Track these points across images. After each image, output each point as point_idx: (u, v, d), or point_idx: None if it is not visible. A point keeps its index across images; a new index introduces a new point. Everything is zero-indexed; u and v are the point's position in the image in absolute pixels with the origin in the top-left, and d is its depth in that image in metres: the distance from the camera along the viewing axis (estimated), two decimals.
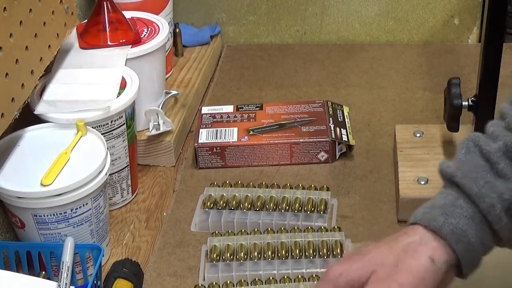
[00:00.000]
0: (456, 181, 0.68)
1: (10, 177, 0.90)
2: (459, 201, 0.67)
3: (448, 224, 0.66)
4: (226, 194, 1.07)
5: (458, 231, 0.66)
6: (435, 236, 0.66)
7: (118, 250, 1.02)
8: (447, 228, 0.66)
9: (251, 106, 1.25)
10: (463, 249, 0.67)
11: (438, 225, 0.66)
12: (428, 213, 0.68)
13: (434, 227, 0.66)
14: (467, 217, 0.67)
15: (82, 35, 1.13)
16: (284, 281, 0.93)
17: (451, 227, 0.66)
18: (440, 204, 0.68)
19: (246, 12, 1.54)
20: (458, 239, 0.66)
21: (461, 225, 0.67)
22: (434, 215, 0.67)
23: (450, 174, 0.69)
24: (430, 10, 1.50)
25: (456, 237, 0.66)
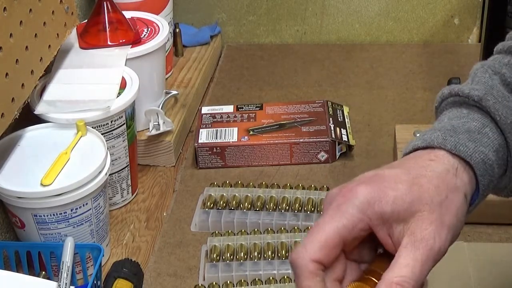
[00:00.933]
0: (487, 106, 0.61)
1: (10, 177, 0.90)
2: (486, 129, 0.60)
3: (478, 152, 0.59)
4: (226, 194, 1.07)
5: (488, 161, 0.59)
6: (462, 165, 0.58)
7: (118, 250, 1.02)
8: (477, 157, 0.59)
9: (251, 106, 1.25)
10: (486, 183, 0.60)
11: (468, 152, 0.58)
12: (452, 137, 0.59)
13: (464, 154, 0.58)
14: (493, 149, 0.60)
15: (82, 35, 1.13)
16: (284, 281, 0.93)
17: (482, 157, 0.59)
18: (464, 129, 0.60)
19: (246, 12, 1.54)
20: (486, 172, 0.59)
21: (489, 156, 0.59)
22: (461, 139, 0.59)
23: (478, 96, 0.61)
24: (430, 10, 1.50)
25: (484, 169, 0.59)
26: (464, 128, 0.60)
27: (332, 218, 0.55)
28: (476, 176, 0.59)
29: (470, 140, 0.59)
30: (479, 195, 0.60)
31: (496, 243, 0.99)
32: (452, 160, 0.58)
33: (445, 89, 0.66)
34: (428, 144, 0.60)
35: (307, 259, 0.55)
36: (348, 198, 0.56)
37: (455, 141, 0.59)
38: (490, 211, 0.99)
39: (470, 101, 0.62)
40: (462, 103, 0.64)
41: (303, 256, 0.55)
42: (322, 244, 0.55)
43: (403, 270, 0.53)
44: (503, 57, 0.66)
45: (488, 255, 0.96)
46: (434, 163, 0.58)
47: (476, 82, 0.64)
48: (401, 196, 0.55)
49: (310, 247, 0.55)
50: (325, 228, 0.55)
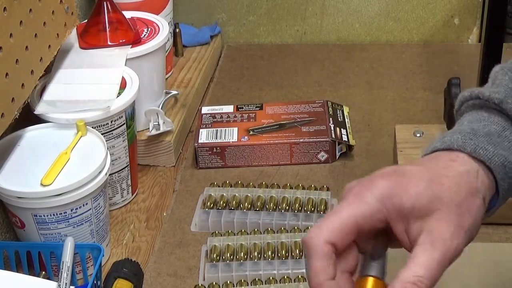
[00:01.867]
0: (507, 109, 0.60)
1: (10, 177, 0.90)
2: (506, 132, 0.60)
3: (498, 156, 0.58)
4: (226, 194, 1.07)
5: (508, 165, 0.58)
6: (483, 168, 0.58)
7: (118, 250, 1.02)
8: (497, 160, 0.58)
9: (251, 106, 1.25)
10: (506, 187, 0.59)
11: (488, 155, 0.58)
12: (472, 140, 0.59)
13: (483, 158, 0.58)
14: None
15: (82, 35, 1.13)
16: (284, 281, 0.93)
17: (502, 160, 0.58)
18: (484, 132, 0.60)
19: (246, 12, 1.54)
20: (506, 175, 0.59)
21: (510, 159, 0.59)
22: (480, 142, 0.59)
23: (498, 99, 0.61)
24: (430, 10, 1.50)
25: (504, 172, 0.59)
26: (483, 131, 0.60)
27: (350, 204, 0.55)
28: (496, 179, 0.58)
29: (490, 143, 0.58)
30: (499, 199, 0.60)
31: (496, 243, 0.99)
32: (474, 164, 0.58)
33: (465, 92, 0.65)
34: (448, 146, 0.59)
35: (321, 239, 0.54)
36: (368, 188, 0.55)
37: (474, 144, 0.58)
38: None
39: (491, 104, 0.62)
40: (483, 106, 0.63)
41: (318, 236, 0.54)
42: (338, 227, 0.54)
43: (419, 269, 0.53)
44: None
45: (488, 255, 0.96)
46: (456, 164, 0.58)
47: (497, 85, 0.63)
48: (422, 193, 0.55)
49: (325, 228, 0.54)
50: (342, 212, 0.55)
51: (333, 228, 0.54)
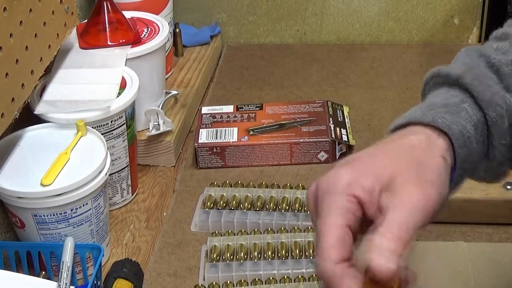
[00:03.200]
0: (465, 83, 0.61)
1: (10, 177, 0.90)
2: (464, 105, 0.61)
3: (456, 123, 0.59)
4: (226, 194, 1.07)
5: (466, 133, 0.59)
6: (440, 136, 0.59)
7: (118, 250, 1.02)
8: (455, 127, 0.59)
9: (251, 106, 1.25)
10: (464, 156, 0.60)
11: (445, 122, 0.58)
12: (429, 111, 0.60)
13: (441, 125, 0.59)
14: (471, 123, 0.60)
15: (82, 35, 1.13)
16: (284, 281, 0.93)
17: (460, 127, 0.59)
18: (441, 104, 0.61)
19: (246, 12, 1.54)
20: (464, 143, 0.59)
21: (468, 129, 0.59)
22: (439, 113, 0.59)
23: (456, 74, 0.62)
24: (430, 10, 1.50)
25: (463, 140, 0.59)
26: (442, 103, 0.61)
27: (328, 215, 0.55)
28: (454, 147, 0.59)
29: (448, 112, 0.59)
30: (457, 168, 0.60)
31: (496, 243, 0.99)
32: (427, 131, 0.58)
33: (427, 73, 0.67)
34: (408, 120, 0.60)
35: (331, 265, 0.54)
36: (330, 189, 0.56)
37: (432, 114, 0.59)
38: (490, 211, 0.99)
39: (450, 80, 0.63)
40: (443, 83, 0.64)
41: (326, 265, 0.54)
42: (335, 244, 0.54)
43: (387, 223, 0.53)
44: (493, 43, 0.67)
45: (488, 255, 0.96)
46: (408, 137, 0.59)
47: (457, 63, 0.65)
48: (378, 166, 0.56)
49: (327, 254, 0.54)
50: (329, 228, 0.54)
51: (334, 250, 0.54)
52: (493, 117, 0.60)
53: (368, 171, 0.56)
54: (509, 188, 0.99)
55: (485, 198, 0.99)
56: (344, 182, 0.55)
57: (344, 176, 0.55)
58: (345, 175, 0.55)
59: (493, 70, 0.62)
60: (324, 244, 0.54)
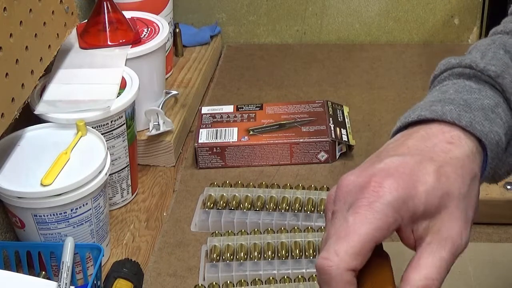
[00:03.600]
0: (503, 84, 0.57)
1: (10, 177, 0.90)
2: (499, 109, 0.56)
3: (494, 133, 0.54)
4: (226, 194, 1.07)
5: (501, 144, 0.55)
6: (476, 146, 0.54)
7: (118, 250, 1.02)
8: (493, 138, 0.55)
9: (251, 106, 1.25)
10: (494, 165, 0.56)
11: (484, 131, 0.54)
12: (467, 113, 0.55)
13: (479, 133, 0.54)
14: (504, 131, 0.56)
15: (82, 35, 1.13)
16: (284, 281, 0.93)
17: (497, 138, 0.55)
18: (478, 106, 0.56)
19: (246, 12, 1.54)
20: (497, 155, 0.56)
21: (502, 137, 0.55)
22: (476, 116, 0.54)
23: (495, 73, 0.57)
24: (430, 10, 1.50)
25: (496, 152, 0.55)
26: (477, 104, 0.55)
27: (366, 219, 0.50)
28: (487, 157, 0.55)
29: (486, 118, 0.55)
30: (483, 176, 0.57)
31: (496, 243, 0.99)
32: (470, 144, 0.54)
33: (452, 59, 0.61)
34: (439, 116, 0.55)
35: (342, 268, 0.50)
36: (380, 195, 0.51)
37: (470, 118, 0.54)
38: (490, 211, 0.99)
39: (484, 77, 0.58)
40: (472, 76, 0.59)
41: (337, 265, 0.50)
42: (358, 251, 0.50)
43: (429, 270, 0.51)
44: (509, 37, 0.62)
45: (488, 255, 0.96)
46: (454, 147, 0.53)
47: (490, 58, 0.59)
48: (432, 191, 0.51)
49: (344, 255, 0.50)
50: (360, 231, 0.50)
51: (354, 253, 0.50)
52: None
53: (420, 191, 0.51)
54: (509, 188, 0.99)
55: (485, 198, 0.99)
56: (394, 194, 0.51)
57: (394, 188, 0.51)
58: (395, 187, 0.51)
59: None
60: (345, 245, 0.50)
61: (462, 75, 0.60)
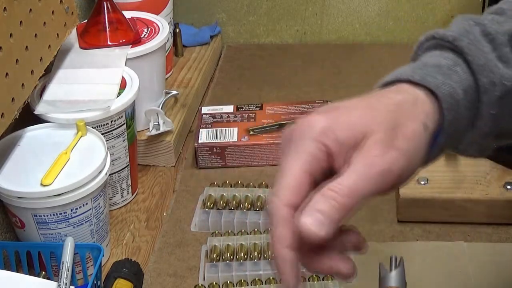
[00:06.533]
0: (461, 46, 0.60)
1: (10, 177, 0.90)
2: (457, 68, 0.59)
3: (447, 85, 0.57)
4: (226, 194, 1.07)
5: (456, 96, 0.57)
6: (428, 96, 0.57)
7: (118, 250, 1.02)
8: (445, 88, 0.57)
9: (251, 106, 1.25)
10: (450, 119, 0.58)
11: (436, 82, 0.57)
12: (421, 69, 0.58)
13: (430, 84, 0.57)
14: (462, 87, 0.58)
15: (82, 35, 1.13)
16: None
17: (450, 90, 0.57)
18: (433, 63, 0.59)
19: (246, 12, 1.54)
20: (452, 106, 0.57)
21: (458, 92, 0.57)
22: (430, 72, 0.58)
23: (453, 37, 0.60)
24: (430, 10, 1.50)
25: (451, 103, 0.57)
26: (433, 63, 0.59)
27: (294, 156, 0.54)
28: (442, 109, 0.57)
29: (439, 73, 0.57)
30: (443, 131, 0.58)
31: (496, 243, 0.99)
32: (415, 91, 0.57)
33: (421, 37, 0.65)
34: (396, 78, 0.59)
35: (280, 204, 0.54)
36: (304, 132, 0.55)
37: (423, 73, 0.57)
38: (490, 211, 0.99)
39: (445, 43, 0.61)
40: (437, 45, 0.62)
41: (277, 204, 0.54)
42: (291, 187, 0.53)
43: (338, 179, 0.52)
44: (488, 14, 0.66)
45: (488, 255, 0.96)
46: (396, 94, 0.57)
47: (453, 27, 0.63)
48: (355, 121, 0.54)
49: (281, 193, 0.54)
50: (291, 169, 0.54)
51: (288, 190, 0.53)
52: (485, 84, 0.58)
53: (344, 123, 0.54)
54: (509, 188, 0.99)
55: (485, 198, 0.99)
56: (318, 129, 0.54)
57: (319, 123, 0.54)
58: (320, 122, 0.54)
59: (488, 39, 0.61)
60: (281, 183, 0.54)
61: (429, 47, 0.64)
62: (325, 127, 0.54)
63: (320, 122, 0.54)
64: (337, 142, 0.54)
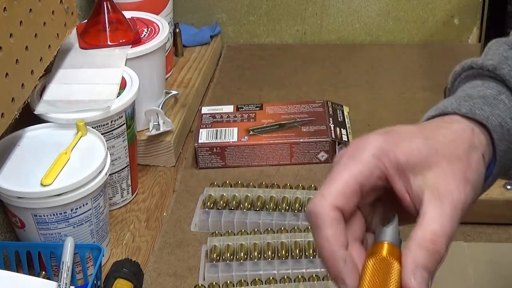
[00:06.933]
0: (502, 74, 0.59)
1: (10, 177, 0.90)
2: (501, 96, 0.58)
3: (495, 115, 0.56)
4: (226, 194, 1.07)
5: (505, 125, 0.56)
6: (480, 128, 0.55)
7: (118, 250, 1.02)
8: (494, 120, 0.56)
9: (251, 106, 1.25)
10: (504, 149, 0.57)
11: (484, 114, 0.55)
12: (466, 102, 0.56)
13: (480, 117, 0.55)
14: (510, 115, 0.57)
15: (82, 35, 1.13)
16: (284, 281, 0.93)
17: (499, 120, 0.56)
18: (479, 95, 0.57)
19: (246, 12, 1.54)
20: (503, 136, 0.56)
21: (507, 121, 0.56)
22: (476, 103, 0.56)
23: (493, 66, 0.59)
24: (430, 10, 1.50)
25: (502, 133, 0.56)
26: (478, 95, 0.57)
27: (347, 165, 0.52)
28: (493, 140, 0.56)
29: (486, 104, 0.56)
30: (496, 162, 0.57)
31: (496, 243, 0.99)
32: (469, 123, 0.55)
33: (457, 67, 0.64)
34: (442, 111, 0.57)
35: (327, 206, 0.51)
36: (361, 147, 0.53)
37: (470, 105, 0.56)
38: (490, 211, 0.99)
39: (485, 72, 0.60)
40: (476, 75, 0.61)
41: (323, 204, 0.51)
42: (340, 190, 0.51)
43: (433, 226, 0.50)
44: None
45: (488, 255, 0.96)
46: (450, 124, 0.55)
47: (491, 55, 0.62)
48: (417, 147, 0.52)
49: (328, 194, 0.51)
50: (342, 174, 0.52)
51: (337, 192, 0.51)
52: None
53: (406, 148, 0.52)
54: (509, 188, 0.99)
55: (485, 198, 0.99)
56: (376, 145, 0.53)
57: (379, 142, 0.53)
58: (379, 140, 0.53)
59: None
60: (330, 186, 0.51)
61: (468, 77, 0.62)
62: (386, 146, 0.53)
63: (380, 141, 0.53)
64: (397, 164, 0.52)
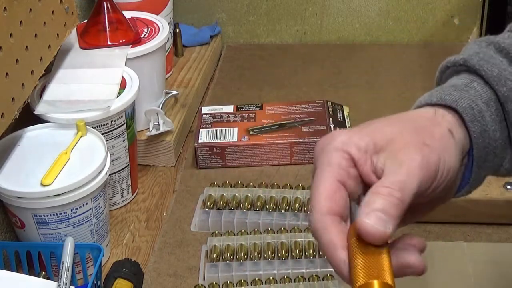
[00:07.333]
0: (472, 64, 0.60)
1: (10, 177, 0.90)
2: (473, 83, 0.59)
3: (464, 98, 0.58)
4: (226, 194, 1.07)
5: (475, 107, 0.58)
6: (448, 111, 0.58)
7: (118, 250, 1.02)
8: (464, 102, 0.58)
9: (251, 106, 1.25)
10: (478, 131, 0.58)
11: (453, 99, 0.58)
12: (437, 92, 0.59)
13: (448, 101, 0.58)
14: (482, 100, 0.59)
15: (82, 35, 1.13)
16: (284, 281, 0.93)
17: (468, 102, 0.58)
18: (449, 85, 0.60)
19: (246, 12, 1.54)
20: (475, 118, 0.58)
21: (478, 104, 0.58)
22: (446, 91, 0.59)
23: (463, 59, 0.61)
24: (430, 10, 1.50)
25: (473, 115, 0.58)
26: (449, 84, 0.60)
27: (321, 169, 0.55)
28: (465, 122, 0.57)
29: (456, 90, 0.58)
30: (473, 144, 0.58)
31: (496, 243, 0.99)
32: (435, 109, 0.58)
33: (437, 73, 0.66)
34: (416, 106, 0.60)
35: (320, 215, 0.52)
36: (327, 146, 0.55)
37: (439, 93, 0.59)
38: (490, 211, 0.99)
39: (458, 67, 0.62)
40: (453, 72, 0.63)
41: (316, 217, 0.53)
42: (326, 195, 0.53)
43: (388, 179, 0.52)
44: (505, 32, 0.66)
45: (488, 255, 0.96)
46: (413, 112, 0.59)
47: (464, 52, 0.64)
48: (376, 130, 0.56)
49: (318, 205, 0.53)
50: (321, 181, 0.54)
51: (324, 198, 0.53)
52: (504, 92, 0.58)
53: (364, 133, 0.55)
54: (509, 188, 0.99)
55: (485, 198, 0.99)
56: (340, 140, 0.55)
57: (340, 135, 0.55)
58: (341, 134, 0.55)
59: (503, 54, 0.61)
60: (315, 197, 0.53)
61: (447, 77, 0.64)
62: (345, 138, 0.55)
63: (341, 135, 0.55)
64: (359, 148, 0.54)
